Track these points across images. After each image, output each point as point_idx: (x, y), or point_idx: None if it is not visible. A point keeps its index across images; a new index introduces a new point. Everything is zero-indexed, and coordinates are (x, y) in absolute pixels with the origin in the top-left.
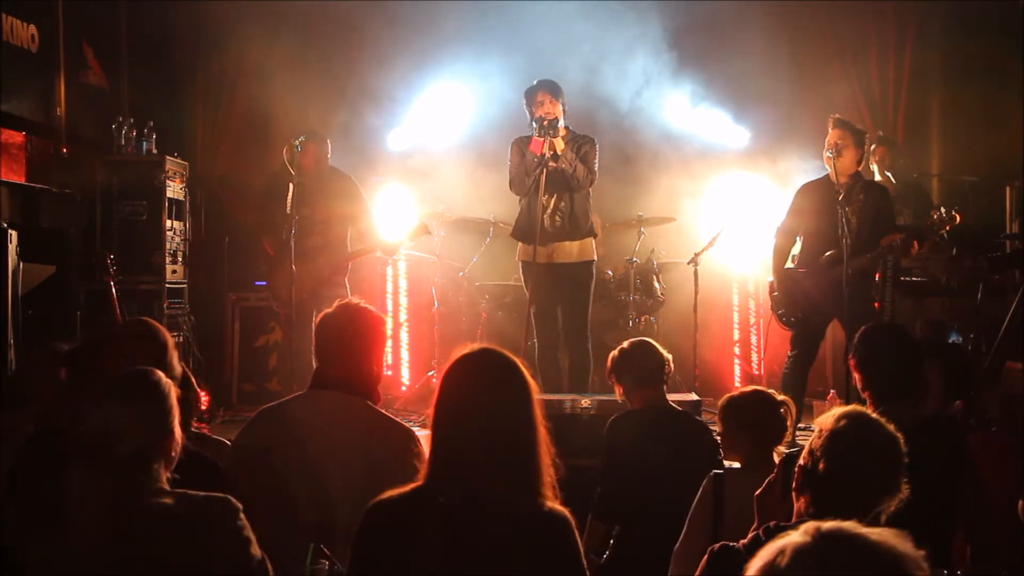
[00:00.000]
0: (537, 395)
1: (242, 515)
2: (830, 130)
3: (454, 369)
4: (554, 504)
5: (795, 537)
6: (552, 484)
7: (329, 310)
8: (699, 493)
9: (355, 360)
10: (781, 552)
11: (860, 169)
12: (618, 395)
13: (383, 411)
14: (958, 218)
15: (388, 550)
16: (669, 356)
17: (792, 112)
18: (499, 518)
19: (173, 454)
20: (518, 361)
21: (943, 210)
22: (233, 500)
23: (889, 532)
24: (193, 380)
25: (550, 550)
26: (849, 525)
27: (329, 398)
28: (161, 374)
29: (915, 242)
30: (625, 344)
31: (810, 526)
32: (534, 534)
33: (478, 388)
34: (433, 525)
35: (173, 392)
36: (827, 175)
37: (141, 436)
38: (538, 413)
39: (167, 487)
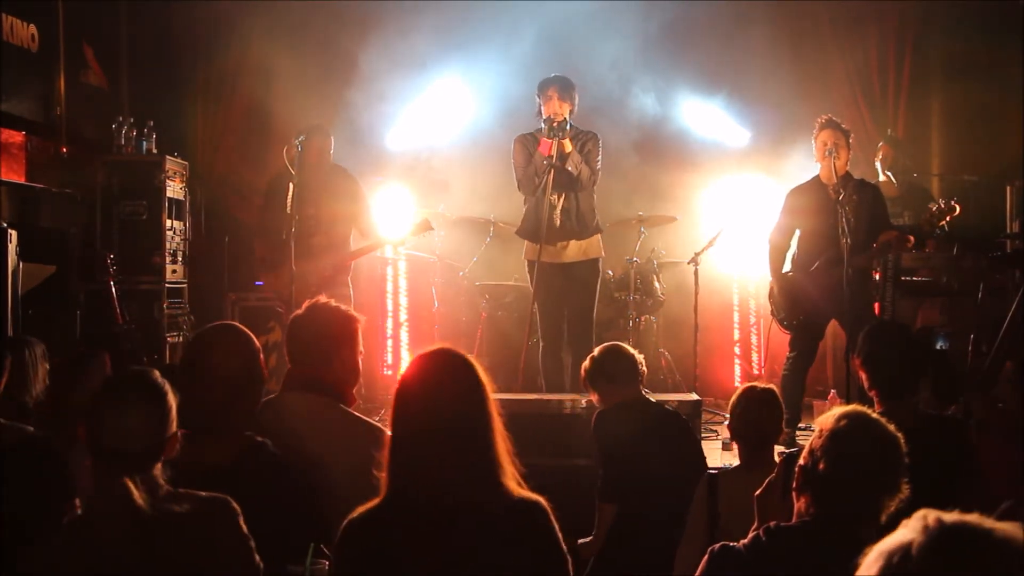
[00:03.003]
0: (491, 391)
1: (241, 519)
2: (820, 131)
3: (410, 369)
4: (525, 493)
5: (905, 535)
6: (515, 476)
7: (298, 311)
8: (696, 494)
9: (324, 360)
10: (901, 547)
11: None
12: (596, 402)
13: (354, 412)
14: (958, 208)
15: (368, 567)
16: (641, 356)
17: (792, 112)
18: (467, 513)
19: (173, 454)
20: (472, 359)
21: (942, 201)
22: (233, 503)
23: (1016, 527)
24: None
25: (527, 538)
26: (973, 518)
27: (299, 400)
28: (159, 374)
29: (911, 236)
30: (595, 352)
31: (932, 518)
32: (508, 523)
33: (432, 384)
34: (406, 533)
35: (171, 393)
36: (816, 177)
37: (148, 435)
38: (493, 408)
39: (168, 487)
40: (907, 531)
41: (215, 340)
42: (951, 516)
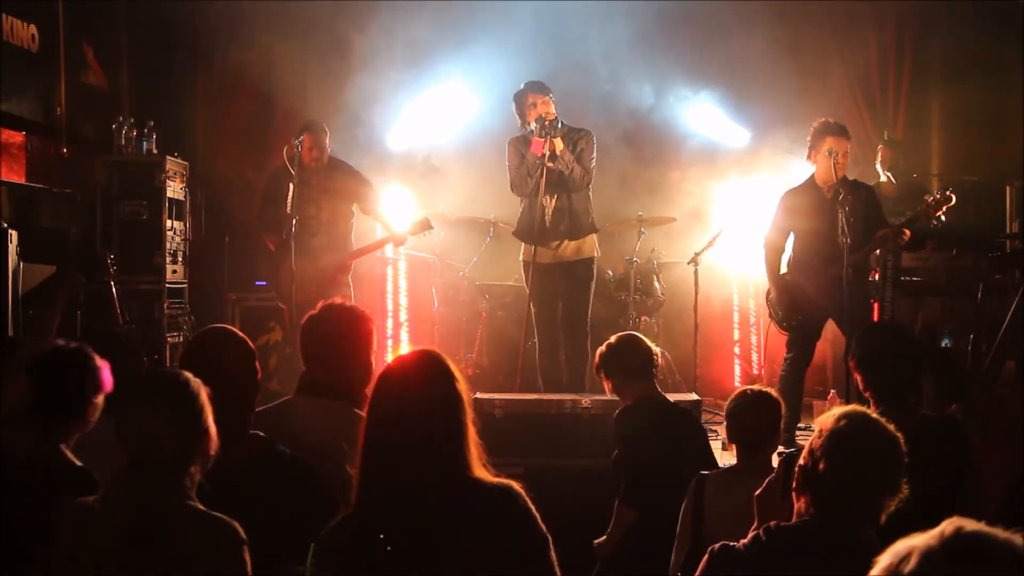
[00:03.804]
0: (467, 394)
1: (246, 548)
2: (824, 136)
3: (387, 366)
4: (496, 479)
5: (922, 539)
6: (485, 469)
7: (313, 311)
8: (686, 495)
9: (339, 363)
10: (907, 557)
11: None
12: (608, 391)
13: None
14: (953, 198)
15: (350, 571)
16: (658, 349)
17: (792, 112)
18: (441, 503)
19: (211, 453)
20: (448, 359)
21: (937, 193)
22: (240, 530)
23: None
24: None
25: (502, 520)
26: (983, 527)
27: (313, 404)
28: (189, 374)
29: (906, 230)
30: (612, 339)
31: (946, 526)
32: (482, 509)
33: (403, 379)
34: (383, 531)
35: (203, 391)
36: (811, 179)
37: (175, 439)
38: (466, 409)
39: (191, 497)
40: (925, 536)
41: (216, 342)
42: (972, 525)
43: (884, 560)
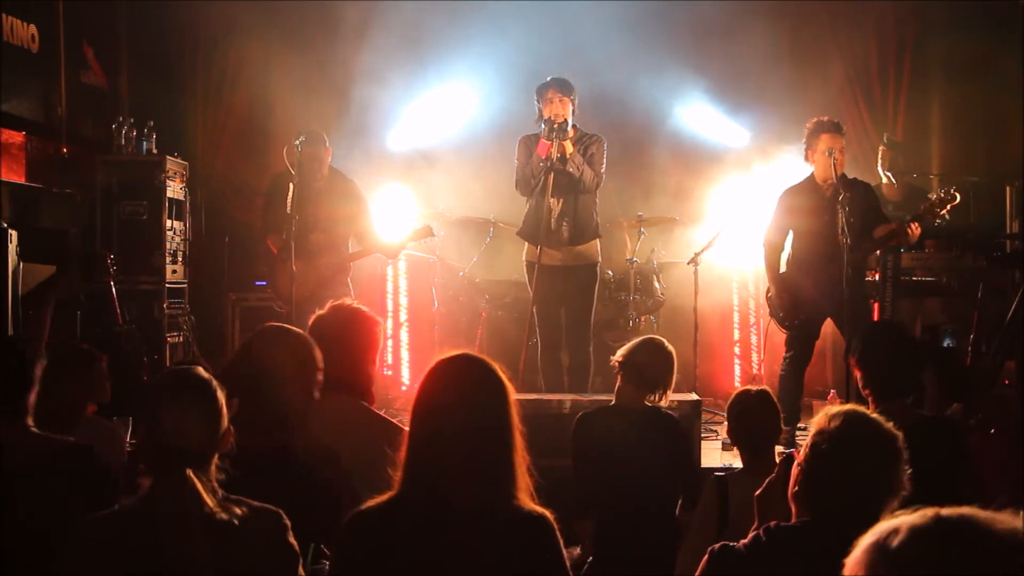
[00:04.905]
0: (514, 401)
1: (291, 533)
2: (819, 134)
3: (432, 374)
4: (534, 506)
5: (912, 518)
6: (528, 489)
7: (322, 311)
8: (703, 496)
9: (349, 361)
10: (895, 531)
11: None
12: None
13: (377, 411)
14: (958, 196)
15: (369, 561)
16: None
17: (792, 112)
18: (474, 520)
19: (227, 448)
20: (496, 366)
21: (941, 191)
22: (284, 516)
23: (1018, 519)
24: None
25: (530, 551)
26: (971, 510)
27: (324, 398)
28: (203, 371)
29: (914, 224)
30: (639, 344)
31: (928, 510)
32: (513, 535)
33: (455, 393)
34: (412, 532)
35: (220, 390)
36: (810, 177)
37: (206, 432)
38: (515, 419)
39: (218, 489)
40: (912, 515)
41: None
42: (951, 508)
43: (868, 539)
